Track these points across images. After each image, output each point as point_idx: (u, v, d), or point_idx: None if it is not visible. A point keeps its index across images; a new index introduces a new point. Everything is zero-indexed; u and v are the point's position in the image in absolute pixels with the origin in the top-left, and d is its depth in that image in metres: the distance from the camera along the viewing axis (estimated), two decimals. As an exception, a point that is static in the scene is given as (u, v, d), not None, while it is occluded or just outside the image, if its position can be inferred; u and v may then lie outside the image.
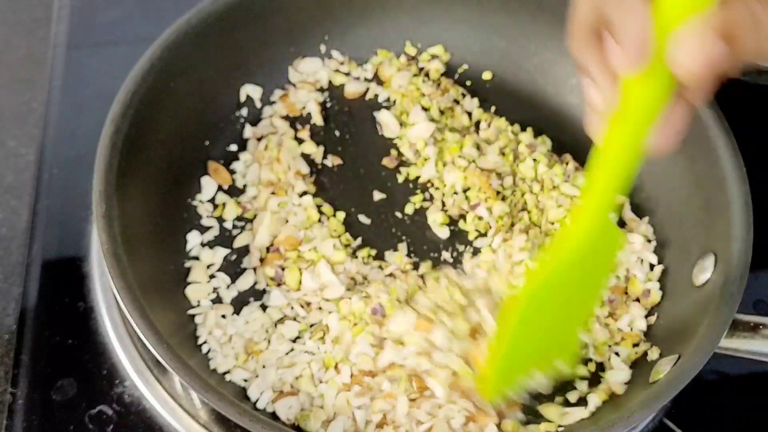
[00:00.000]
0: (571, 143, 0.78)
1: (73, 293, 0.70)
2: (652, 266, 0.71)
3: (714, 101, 0.69)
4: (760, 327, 0.60)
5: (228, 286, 0.68)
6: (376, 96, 0.81)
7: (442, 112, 0.79)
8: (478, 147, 0.76)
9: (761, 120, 0.83)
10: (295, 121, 0.79)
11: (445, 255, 0.71)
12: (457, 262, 0.71)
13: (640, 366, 0.65)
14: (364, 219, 0.73)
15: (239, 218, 0.72)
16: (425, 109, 0.78)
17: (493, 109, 0.81)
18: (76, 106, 0.80)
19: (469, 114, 0.80)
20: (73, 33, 0.86)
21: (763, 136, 0.81)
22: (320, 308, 0.66)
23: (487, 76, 0.83)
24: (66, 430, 0.63)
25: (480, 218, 0.72)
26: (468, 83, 0.82)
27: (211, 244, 0.71)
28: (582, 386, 0.64)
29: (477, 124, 0.80)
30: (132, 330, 0.66)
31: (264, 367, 0.63)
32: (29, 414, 0.64)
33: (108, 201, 0.61)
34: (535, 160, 0.76)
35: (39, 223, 0.73)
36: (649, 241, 0.72)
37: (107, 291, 0.69)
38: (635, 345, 0.66)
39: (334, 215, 0.73)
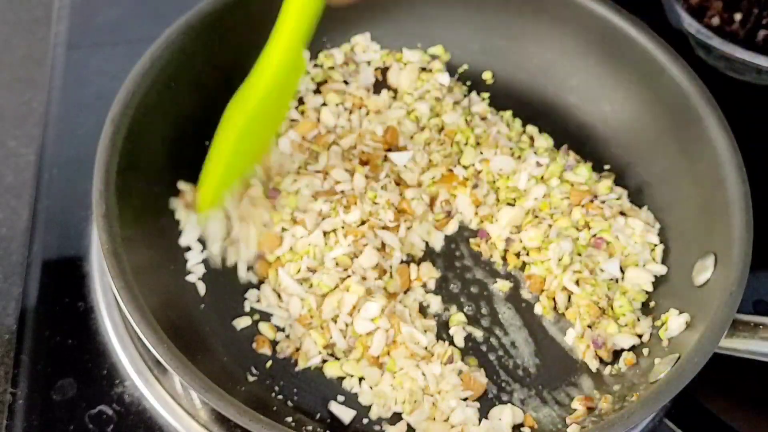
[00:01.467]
0: (571, 142, 0.78)
1: (73, 293, 0.70)
2: (653, 249, 0.71)
3: (714, 101, 0.69)
4: (760, 327, 0.60)
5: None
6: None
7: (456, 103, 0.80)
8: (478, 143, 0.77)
9: (761, 120, 0.83)
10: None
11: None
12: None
13: (640, 366, 0.65)
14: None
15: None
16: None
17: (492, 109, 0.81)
18: (76, 106, 0.80)
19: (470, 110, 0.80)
20: (73, 33, 0.86)
21: (763, 136, 0.81)
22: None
23: (487, 76, 0.83)
24: (66, 430, 0.63)
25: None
26: (468, 83, 0.83)
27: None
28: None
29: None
30: (132, 330, 0.66)
31: None
32: (29, 414, 0.64)
33: (108, 201, 0.61)
34: (535, 152, 0.76)
35: (39, 223, 0.73)
36: (652, 226, 0.72)
37: (107, 291, 0.69)
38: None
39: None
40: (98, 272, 0.70)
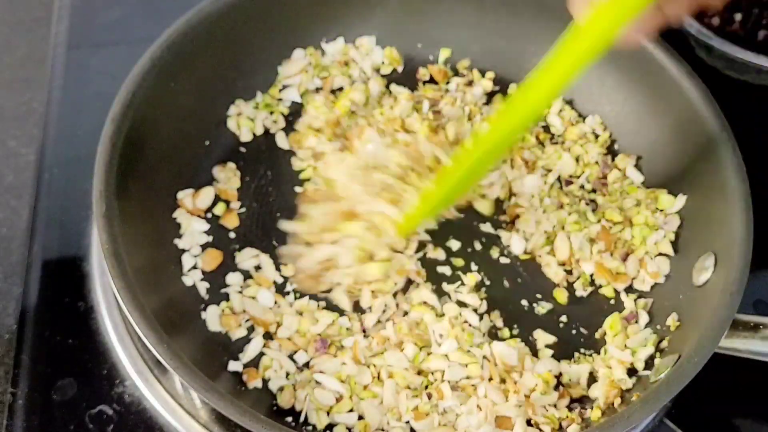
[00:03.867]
0: (571, 143, 0.78)
1: (73, 293, 0.70)
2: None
3: (714, 101, 0.69)
4: (760, 327, 0.60)
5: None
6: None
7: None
8: None
9: (761, 120, 0.83)
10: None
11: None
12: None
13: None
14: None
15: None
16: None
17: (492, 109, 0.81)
18: (76, 106, 0.80)
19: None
20: (73, 33, 0.86)
21: (763, 136, 0.81)
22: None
23: (489, 76, 0.83)
24: (66, 430, 0.63)
25: None
26: (469, 82, 0.82)
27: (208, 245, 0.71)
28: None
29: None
30: (132, 330, 0.66)
31: None
32: (29, 414, 0.64)
33: (108, 201, 0.61)
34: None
35: (39, 223, 0.73)
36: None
37: (107, 291, 0.69)
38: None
39: None
40: (98, 272, 0.70)
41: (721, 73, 0.82)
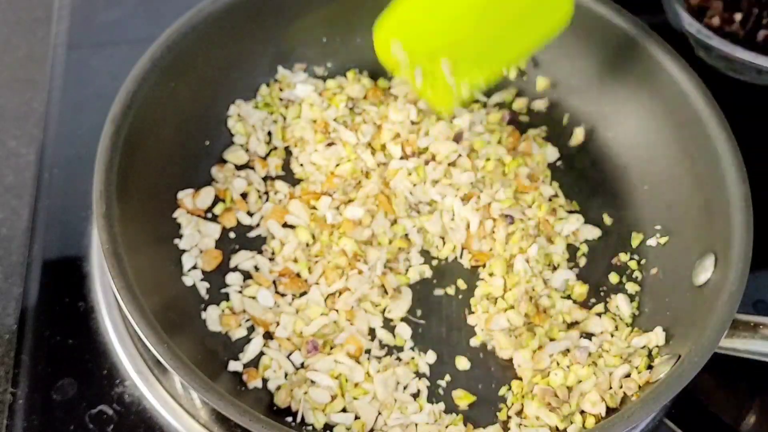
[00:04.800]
0: (571, 143, 0.78)
1: (73, 293, 0.70)
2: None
3: (714, 101, 0.69)
4: (760, 327, 0.60)
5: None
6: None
7: None
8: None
9: (761, 120, 0.83)
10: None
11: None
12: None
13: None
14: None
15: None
16: None
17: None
18: (76, 106, 0.80)
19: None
20: (73, 33, 0.86)
21: (763, 136, 0.81)
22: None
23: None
24: (66, 430, 0.63)
25: None
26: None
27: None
28: None
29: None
30: (132, 330, 0.66)
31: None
32: (29, 414, 0.64)
33: (108, 201, 0.61)
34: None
35: (39, 223, 0.73)
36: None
37: (107, 291, 0.69)
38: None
39: None
40: (98, 272, 0.70)
41: (721, 73, 0.82)
